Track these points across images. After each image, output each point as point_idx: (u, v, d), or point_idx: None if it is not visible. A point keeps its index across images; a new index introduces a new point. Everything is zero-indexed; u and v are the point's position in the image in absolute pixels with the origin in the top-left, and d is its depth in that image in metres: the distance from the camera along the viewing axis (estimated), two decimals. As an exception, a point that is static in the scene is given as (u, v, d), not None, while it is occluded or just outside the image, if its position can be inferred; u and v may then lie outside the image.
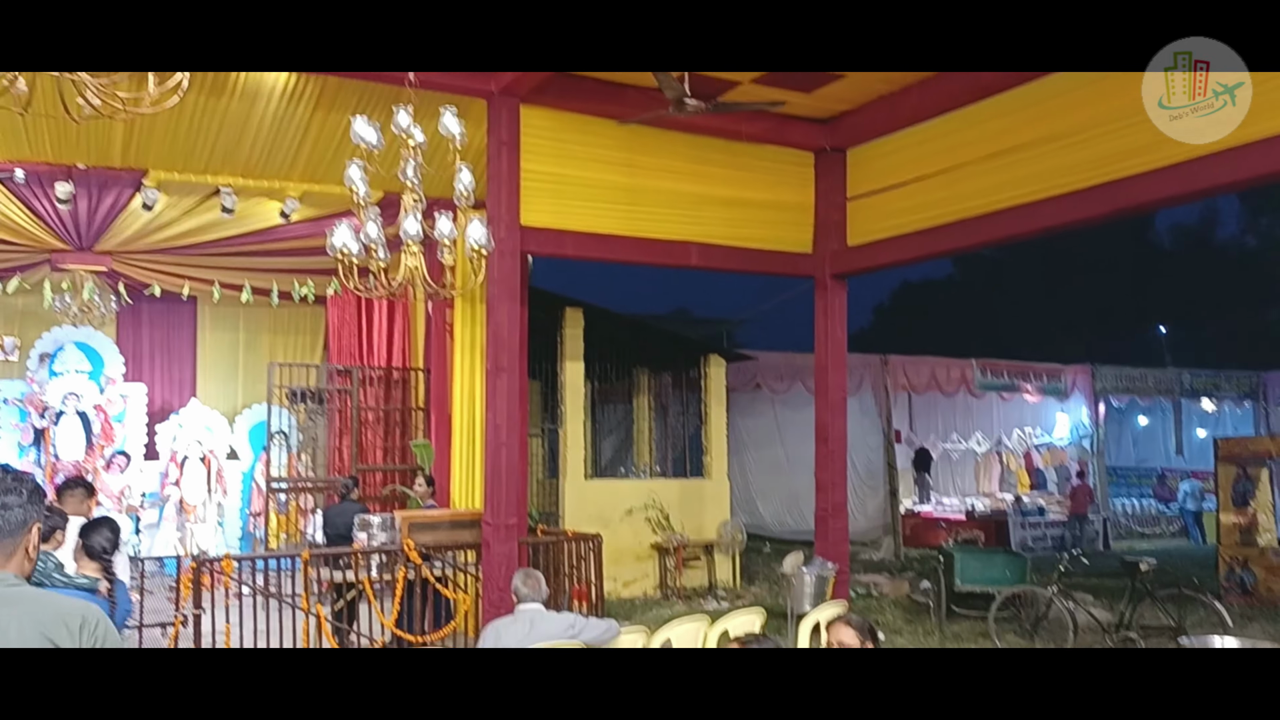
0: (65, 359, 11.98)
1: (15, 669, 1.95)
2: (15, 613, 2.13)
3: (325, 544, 8.58)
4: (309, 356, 12.98)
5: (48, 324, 11.70)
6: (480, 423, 8.77)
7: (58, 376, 11.88)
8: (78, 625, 2.16)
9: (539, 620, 4.86)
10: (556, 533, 9.61)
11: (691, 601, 10.73)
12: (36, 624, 2.14)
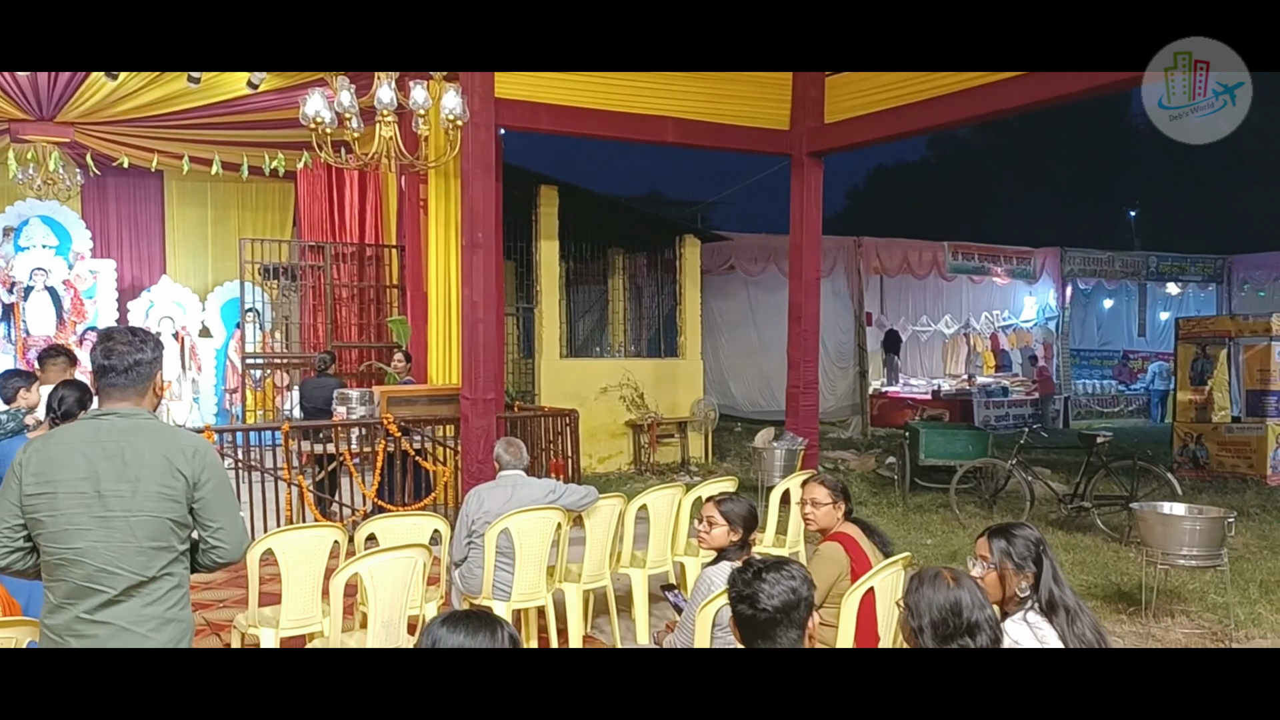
0: (31, 233, 11.77)
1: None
2: (149, 440, 2.61)
3: (303, 418, 8.67)
4: (279, 233, 12.82)
5: (11, 197, 11.44)
6: (456, 299, 8.79)
7: (24, 251, 11.70)
8: (191, 452, 2.63)
9: (520, 485, 5.01)
10: (533, 408, 9.77)
11: (665, 476, 11.02)
12: (163, 450, 2.60)
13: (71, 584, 2.51)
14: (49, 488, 2.51)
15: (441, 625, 2.08)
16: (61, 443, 2.58)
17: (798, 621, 2.25)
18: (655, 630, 4.98)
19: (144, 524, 2.53)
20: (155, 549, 2.55)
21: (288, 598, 4.50)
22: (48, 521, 2.50)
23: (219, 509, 2.66)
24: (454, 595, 5.13)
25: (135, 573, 2.53)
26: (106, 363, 2.64)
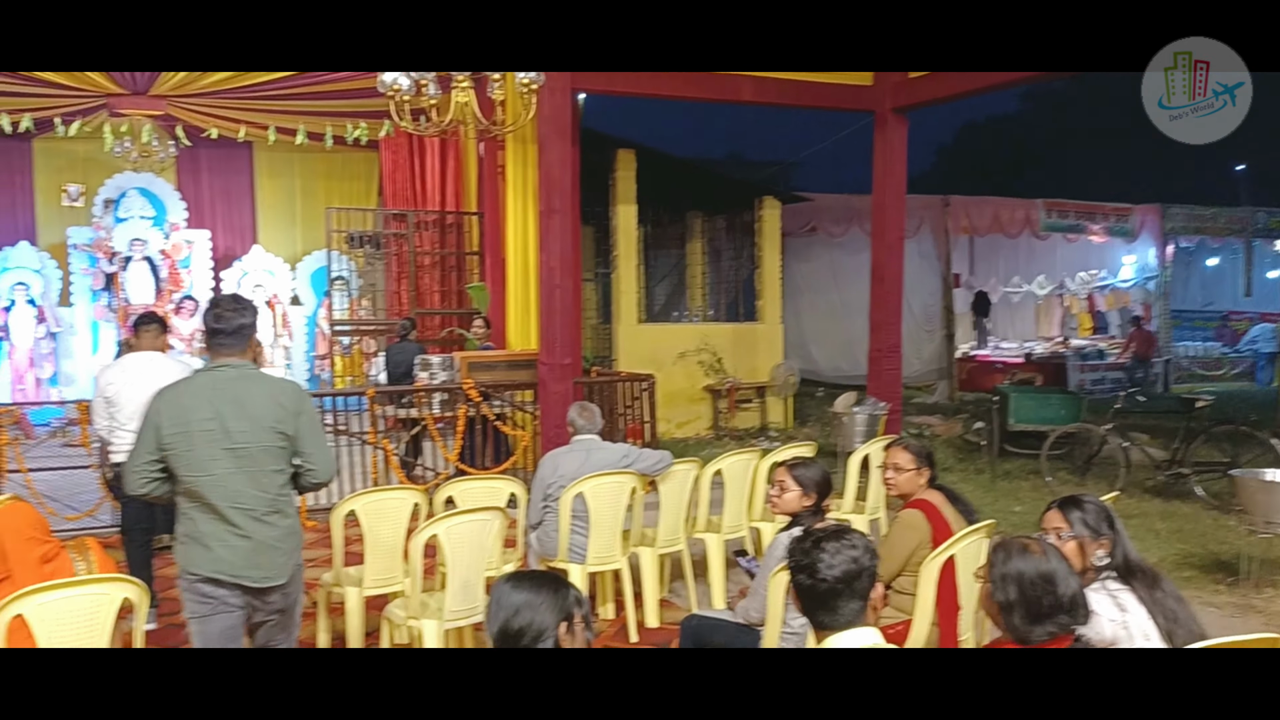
0: (129, 205, 12.20)
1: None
2: (258, 386, 3.21)
3: (389, 384, 8.83)
4: (364, 202, 13.04)
5: (110, 170, 11.86)
6: (534, 265, 8.82)
7: (123, 222, 12.13)
8: (291, 394, 3.26)
9: (595, 449, 5.02)
10: (610, 373, 9.78)
11: (744, 441, 10.95)
12: (270, 393, 3.21)
13: (212, 506, 3.11)
14: (184, 428, 3.09)
15: (506, 582, 2.10)
16: (189, 391, 3.17)
17: (859, 592, 2.17)
18: (731, 596, 4.95)
19: (262, 452, 3.14)
20: (272, 472, 3.18)
21: (370, 558, 4.60)
22: (186, 455, 3.09)
23: (312, 440, 3.26)
24: (531, 557, 5.18)
25: (260, 492, 3.15)
26: (217, 325, 3.20)
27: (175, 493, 3.19)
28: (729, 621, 3.77)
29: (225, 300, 3.28)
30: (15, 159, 12.22)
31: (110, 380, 5.06)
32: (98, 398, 5.08)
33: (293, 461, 3.24)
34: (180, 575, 3.25)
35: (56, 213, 12.32)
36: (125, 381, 5.02)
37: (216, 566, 3.16)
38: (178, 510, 3.22)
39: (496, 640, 2.05)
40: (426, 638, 4.07)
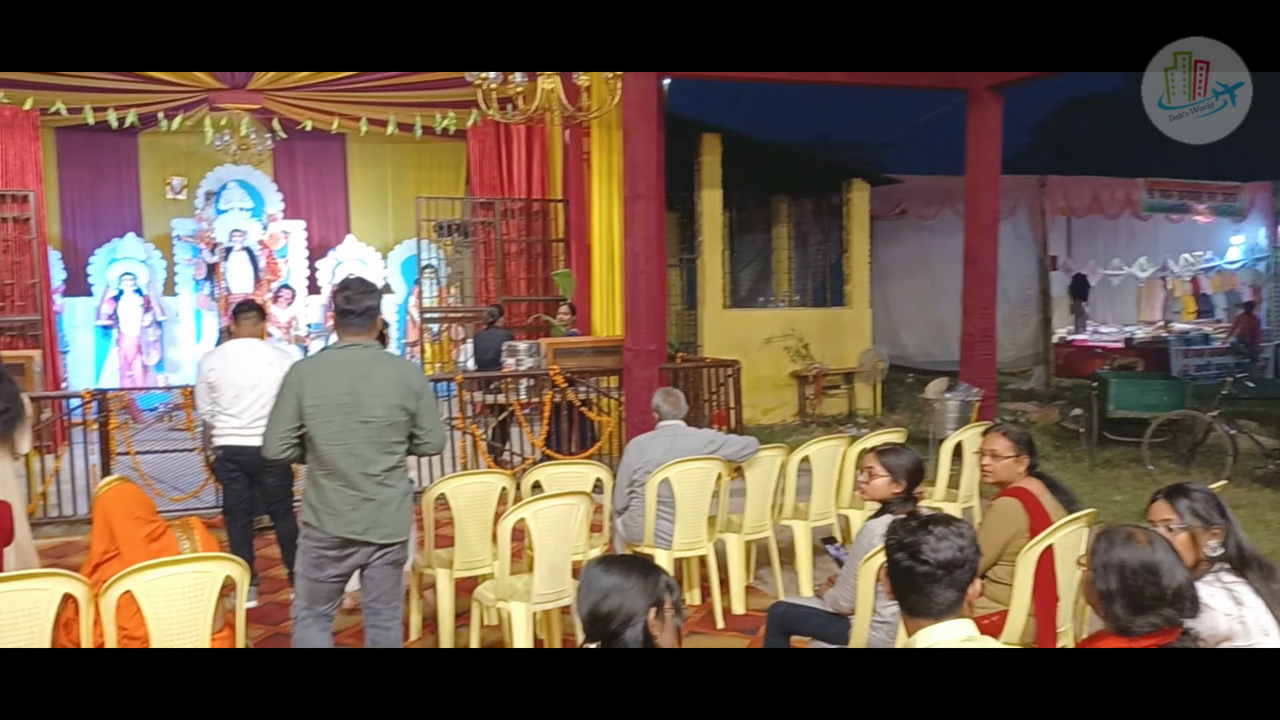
0: (229, 197, 12.59)
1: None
2: (386, 365, 3.55)
3: (477, 370, 8.95)
4: (453, 191, 13.22)
5: (211, 163, 12.26)
6: (619, 251, 8.83)
7: (224, 214, 12.53)
8: (414, 375, 3.61)
9: (680, 435, 5.01)
10: (695, 359, 9.75)
11: (831, 428, 10.81)
12: (397, 372, 3.55)
13: (343, 471, 3.44)
14: (322, 400, 3.43)
15: (597, 565, 2.09)
16: (326, 367, 3.51)
17: (959, 583, 2.08)
18: (818, 584, 4.89)
19: (389, 425, 3.48)
20: (396, 442, 3.53)
21: (460, 540, 4.67)
22: (324, 425, 3.43)
23: (429, 417, 3.61)
24: (617, 542, 5.20)
25: (384, 459, 3.50)
26: (347, 307, 3.53)
27: (306, 458, 3.54)
28: (818, 609, 3.72)
29: (354, 283, 3.59)
30: (122, 153, 12.72)
31: (212, 366, 5.25)
32: (200, 383, 5.28)
33: (412, 433, 3.58)
34: (303, 535, 3.58)
35: (161, 205, 12.79)
36: (226, 367, 5.21)
37: (348, 528, 3.48)
38: (307, 477, 3.57)
39: (586, 623, 2.05)
40: (515, 620, 4.12)
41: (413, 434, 3.59)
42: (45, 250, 10.21)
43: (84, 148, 12.41)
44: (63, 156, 12.29)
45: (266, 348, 5.38)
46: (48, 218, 11.01)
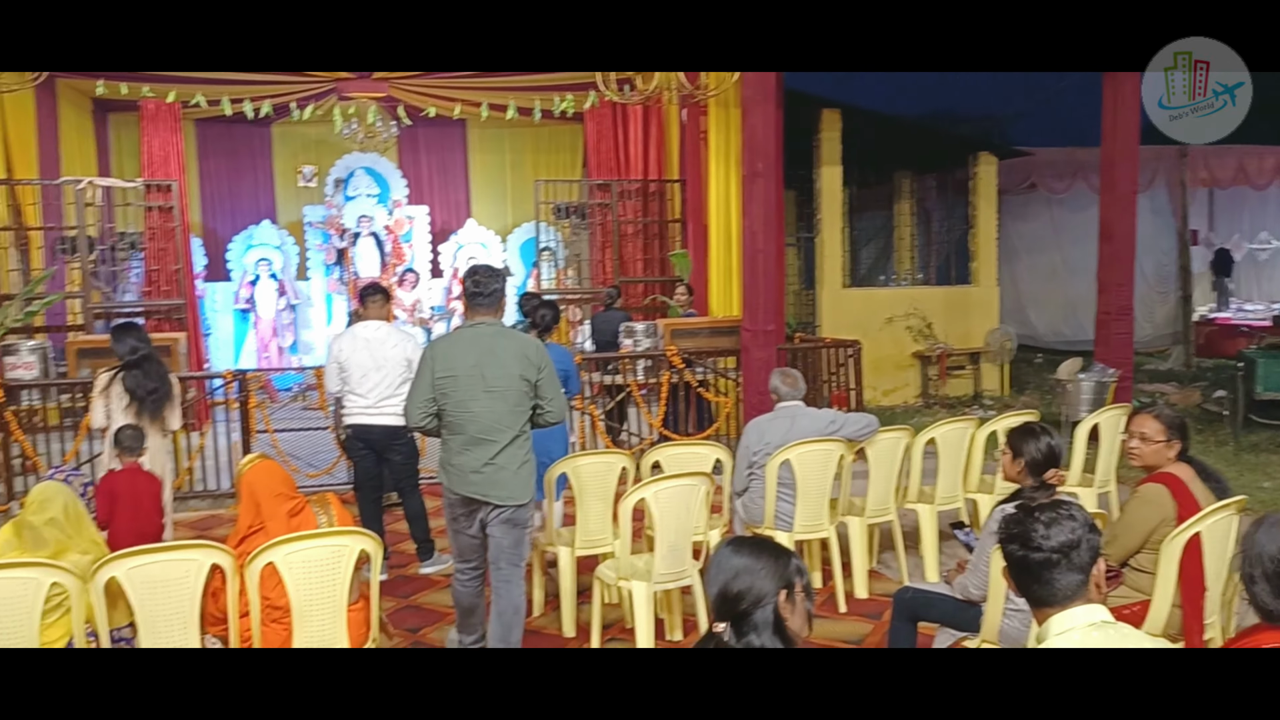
0: (357, 184, 13.01)
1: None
2: (509, 341, 3.85)
3: (594, 350, 9.03)
4: (570, 174, 13.34)
5: (339, 152, 12.68)
6: (736, 231, 8.77)
7: (351, 200, 12.96)
8: (535, 350, 3.88)
9: (800, 416, 4.94)
10: (814, 339, 9.61)
11: (955, 410, 10.51)
12: (519, 347, 3.84)
13: (470, 436, 3.78)
14: (452, 373, 3.76)
15: (728, 546, 2.08)
16: (456, 343, 3.85)
17: (1078, 565, 2.02)
18: (945, 569, 4.77)
19: (512, 395, 3.78)
20: (519, 411, 3.82)
21: (582, 519, 4.72)
22: (453, 395, 3.77)
23: (550, 387, 3.88)
24: (737, 524, 5.17)
25: (508, 427, 3.79)
26: (476, 290, 3.89)
27: (441, 427, 3.87)
28: (947, 595, 3.62)
29: (482, 269, 3.99)
30: (257, 144, 13.29)
31: (341, 347, 5.46)
32: (330, 363, 5.49)
33: (534, 403, 3.86)
34: (445, 494, 3.95)
35: (293, 193, 13.30)
36: (354, 349, 5.40)
37: (471, 488, 3.81)
38: (442, 441, 3.90)
39: (715, 602, 2.04)
40: (636, 598, 4.14)
41: (535, 405, 3.87)
42: (188, 237, 10.75)
43: (221, 139, 13.01)
44: (202, 148, 12.92)
45: (391, 330, 5.55)
46: (189, 206, 11.57)
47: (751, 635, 2.00)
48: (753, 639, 2.00)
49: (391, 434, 5.43)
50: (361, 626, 3.58)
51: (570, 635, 4.63)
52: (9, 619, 3.16)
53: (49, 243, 9.96)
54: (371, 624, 3.64)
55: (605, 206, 11.28)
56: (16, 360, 7.31)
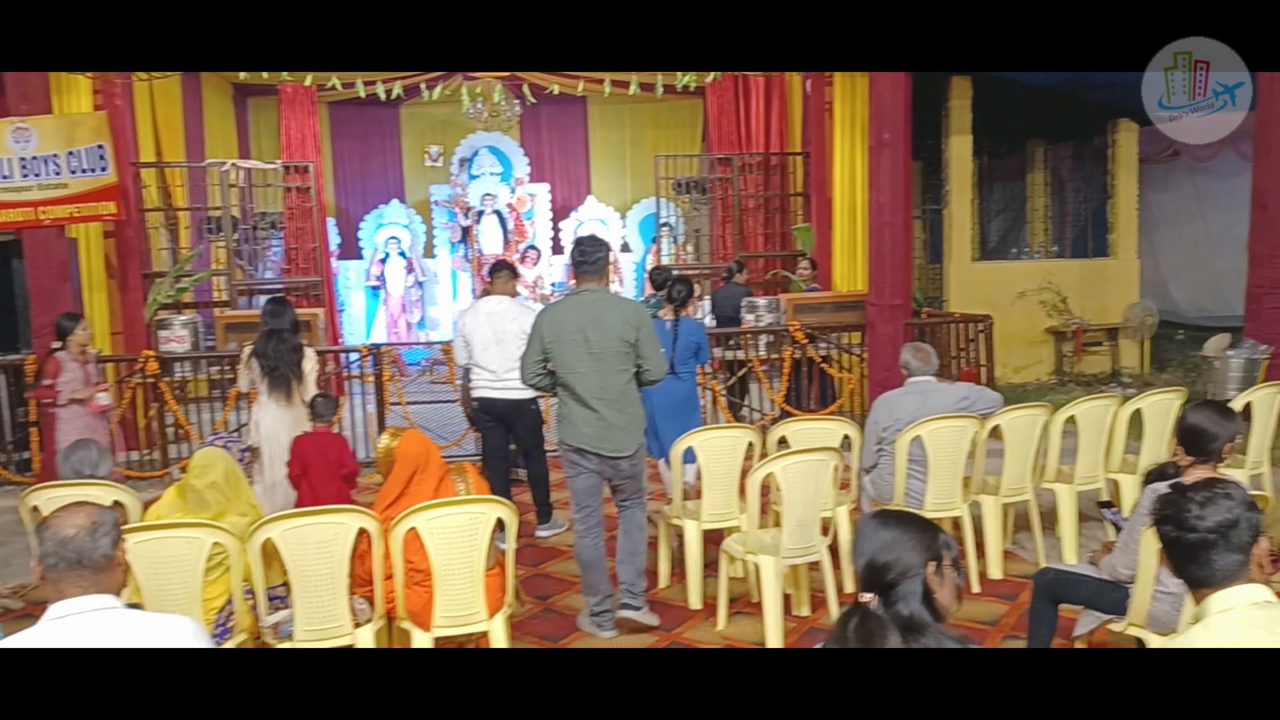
0: (481, 163, 13.29)
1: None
2: (611, 306, 4.21)
3: (715, 325, 9.01)
4: (689, 149, 13.31)
5: (464, 131, 12.96)
6: (861, 204, 8.60)
7: (476, 179, 13.24)
8: (634, 312, 4.23)
9: (932, 392, 4.82)
10: (942, 314, 9.37)
11: (1091, 388, 10.10)
12: (620, 311, 4.19)
13: (579, 395, 4.15)
14: (559, 337, 4.14)
15: (874, 518, 2.06)
16: (563, 310, 4.21)
17: (1237, 544, 1.94)
18: (1089, 552, 4.60)
19: (614, 356, 4.13)
20: (621, 370, 4.17)
21: (708, 493, 4.73)
22: (561, 357, 4.15)
23: (649, 347, 4.19)
24: (864, 501, 5.10)
25: (613, 386, 4.16)
26: (582, 259, 4.27)
27: (555, 385, 4.25)
28: (1091, 577, 3.50)
29: (586, 240, 4.34)
30: (387, 125, 13.69)
31: (465, 322, 5.70)
32: (458, 337, 5.72)
33: (636, 363, 4.18)
34: (559, 444, 4.31)
35: (420, 172, 13.68)
36: (477, 323, 5.64)
37: (581, 441, 4.19)
38: (558, 399, 4.27)
39: (863, 573, 2.02)
40: (764, 572, 4.14)
41: (638, 364, 4.19)
42: (324, 217, 11.16)
43: (353, 121, 13.46)
44: (335, 130, 13.39)
45: (512, 304, 5.74)
46: (324, 187, 12.01)
47: (899, 605, 1.98)
48: (900, 609, 1.98)
49: (515, 406, 5.66)
50: (498, 591, 3.68)
51: (696, 607, 4.66)
52: (175, 576, 3.36)
53: (194, 222, 10.50)
54: (507, 589, 3.74)
55: (726, 181, 11.21)
56: (169, 334, 7.74)
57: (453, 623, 3.60)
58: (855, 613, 2.02)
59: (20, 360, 7.26)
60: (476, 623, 3.63)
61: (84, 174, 6.70)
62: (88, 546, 2.09)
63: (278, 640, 3.45)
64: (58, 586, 2.09)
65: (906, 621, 1.96)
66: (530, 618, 4.60)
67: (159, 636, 2.07)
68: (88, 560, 2.08)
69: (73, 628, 2.05)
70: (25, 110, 6.72)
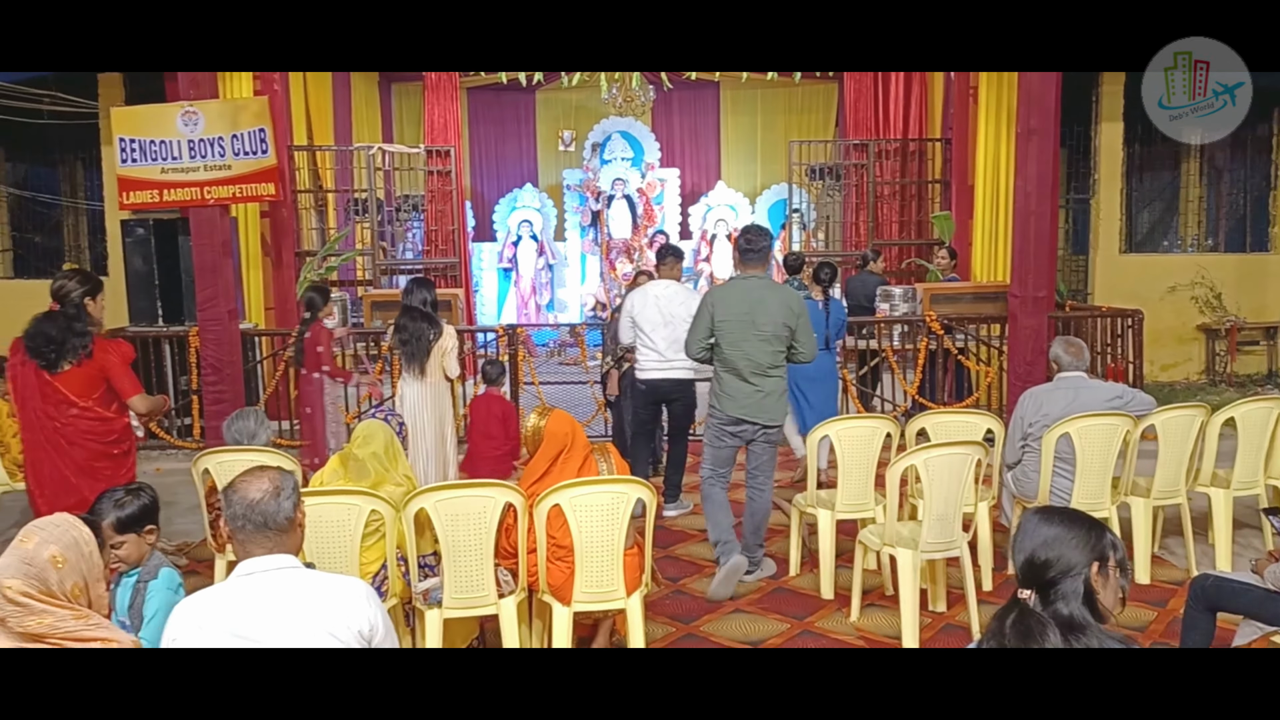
0: (612, 148, 13.42)
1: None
2: (773, 292, 4.66)
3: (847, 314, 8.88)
4: (821, 134, 13.13)
5: (597, 116, 13.11)
6: (1005, 192, 8.35)
7: (607, 164, 13.38)
8: (794, 300, 4.67)
9: (1083, 388, 4.67)
10: (1088, 308, 9.01)
11: (1245, 390, 9.57)
12: (780, 298, 4.63)
13: (741, 371, 4.59)
14: (728, 318, 4.60)
15: (1037, 514, 2.03)
16: (731, 293, 4.67)
17: None
18: (1244, 560, 4.38)
19: (775, 338, 4.58)
20: (779, 351, 4.61)
21: (843, 483, 4.70)
22: (728, 336, 4.59)
23: (804, 333, 4.65)
24: (1005, 498, 4.98)
25: (772, 364, 4.61)
26: (748, 247, 4.69)
27: (714, 361, 4.70)
28: (1253, 586, 3.34)
29: (752, 229, 4.76)
30: (522, 111, 13.96)
31: (634, 303, 5.97)
32: (624, 317, 5.99)
33: (790, 344, 4.62)
34: (709, 416, 4.79)
35: (553, 157, 13.90)
36: (644, 304, 5.88)
37: (739, 411, 4.63)
38: (714, 376, 4.73)
39: (1022, 570, 1.99)
40: (902, 565, 4.09)
41: (791, 345, 4.62)
42: (464, 200, 11.47)
43: (490, 106, 13.77)
44: (472, 115, 13.72)
45: (679, 288, 6.00)
46: (462, 171, 12.34)
47: (1059, 604, 1.94)
48: (1060, 607, 1.94)
49: (678, 385, 5.96)
50: (635, 570, 3.75)
51: (828, 598, 4.64)
52: (335, 540, 3.55)
53: (340, 203, 10.94)
54: (645, 569, 3.81)
55: (861, 167, 11.02)
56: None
57: (592, 599, 3.69)
58: (1013, 609, 2.00)
59: (184, 332, 7.73)
60: (615, 600, 3.70)
61: (246, 156, 7.05)
62: (272, 509, 2.23)
63: (427, 606, 3.60)
64: (245, 546, 2.24)
65: (1066, 621, 1.93)
66: (662, 598, 4.67)
67: (335, 596, 2.20)
68: (272, 522, 2.23)
69: (258, 585, 2.19)
70: (194, 95, 7.12)
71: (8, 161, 11.22)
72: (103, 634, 2.24)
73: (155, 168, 7.07)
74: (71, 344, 4.28)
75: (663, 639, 4.23)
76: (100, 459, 4.39)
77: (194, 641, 2.14)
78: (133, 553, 2.88)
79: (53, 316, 4.33)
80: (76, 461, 4.36)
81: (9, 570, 2.15)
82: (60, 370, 4.30)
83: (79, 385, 4.33)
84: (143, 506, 2.91)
